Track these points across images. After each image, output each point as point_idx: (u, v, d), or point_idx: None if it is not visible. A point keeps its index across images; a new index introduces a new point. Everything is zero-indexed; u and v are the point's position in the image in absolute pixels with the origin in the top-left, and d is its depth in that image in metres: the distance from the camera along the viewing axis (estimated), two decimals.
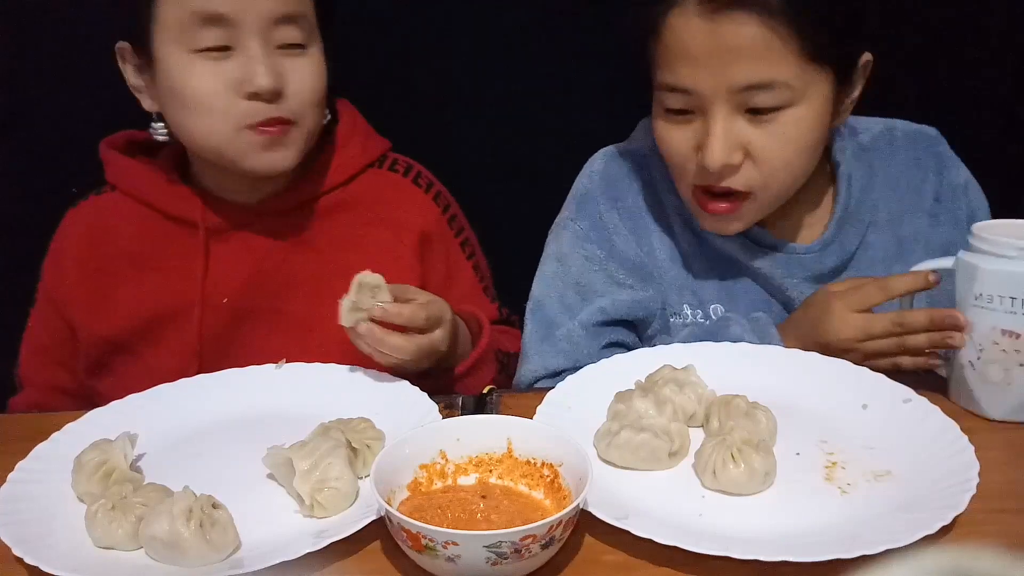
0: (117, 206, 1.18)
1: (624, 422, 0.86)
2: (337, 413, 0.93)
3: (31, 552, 0.75)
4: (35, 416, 1.06)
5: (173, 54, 1.04)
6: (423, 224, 1.20)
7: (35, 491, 0.85)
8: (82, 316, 1.17)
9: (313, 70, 1.09)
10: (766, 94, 0.96)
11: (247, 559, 0.75)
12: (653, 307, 1.13)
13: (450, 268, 1.23)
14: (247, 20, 1.02)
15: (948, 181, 1.15)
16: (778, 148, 0.99)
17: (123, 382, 1.13)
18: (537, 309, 1.15)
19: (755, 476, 0.81)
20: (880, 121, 1.18)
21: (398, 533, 0.73)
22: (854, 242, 1.12)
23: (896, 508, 0.77)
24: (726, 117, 0.98)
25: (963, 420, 0.86)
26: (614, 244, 1.14)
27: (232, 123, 1.06)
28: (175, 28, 1.03)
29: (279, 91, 1.05)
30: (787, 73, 0.96)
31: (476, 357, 1.08)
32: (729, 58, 0.95)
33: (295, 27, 1.05)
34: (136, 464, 0.89)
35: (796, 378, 0.97)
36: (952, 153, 1.16)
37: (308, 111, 1.09)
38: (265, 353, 1.06)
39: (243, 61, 1.04)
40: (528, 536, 0.69)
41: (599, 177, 1.17)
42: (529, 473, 0.82)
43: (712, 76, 0.96)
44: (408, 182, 1.23)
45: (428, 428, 0.85)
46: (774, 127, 0.99)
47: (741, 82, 0.96)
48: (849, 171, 1.12)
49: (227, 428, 0.96)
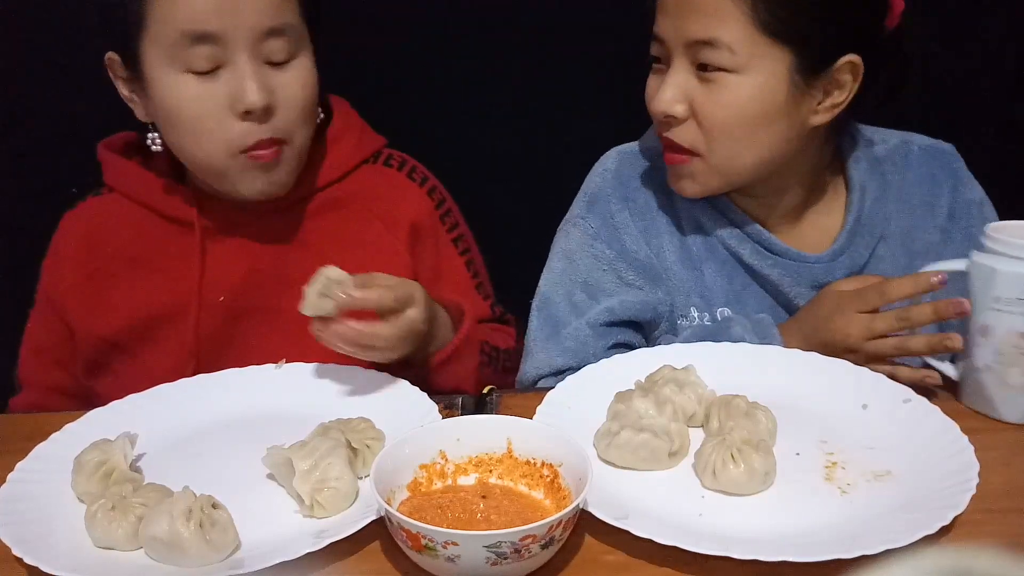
0: (114, 207, 1.18)
1: (624, 422, 0.86)
2: (337, 413, 0.93)
3: (31, 552, 0.75)
4: (35, 416, 1.06)
5: (164, 74, 1.04)
6: (414, 216, 1.20)
7: (35, 491, 0.85)
8: (80, 317, 1.17)
9: (303, 82, 1.08)
10: (710, 51, 0.99)
11: (247, 559, 0.75)
12: (661, 309, 1.13)
13: (440, 262, 1.22)
14: (236, 36, 1.02)
15: (963, 198, 1.14)
16: (718, 110, 1.01)
17: (121, 382, 1.13)
18: (544, 306, 1.15)
19: (755, 476, 0.81)
20: (897, 134, 1.18)
21: (398, 533, 0.73)
22: (864, 254, 1.12)
23: (896, 508, 0.78)
24: (679, 69, 1.02)
25: (963, 420, 0.86)
26: (624, 244, 1.14)
27: (225, 146, 1.06)
28: (165, 47, 1.03)
29: (270, 107, 1.05)
30: (732, 36, 0.98)
31: (457, 344, 1.06)
32: (687, 10, 1.00)
33: (283, 39, 1.05)
34: (136, 464, 0.89)
35: (796, 378, 0.97)
36: (967, 171, 1.16)
37: (298, 127, 1.09)
38: (262, 351, 1.06)
39: (233, 78, 1.03)
40: (528, 536, 0.69)
41: (611, 176, 1.17)
42: (529, 473, 0.82)
43: (673, 26, 1.01)
44: (402, 176, 1.23)
45: (428, 428, 0.85)
46: (715, 87, 1.01)
47: (691, 35, 1.00)
48: (863, 182, 1.12)
49: (227, 428, 0.96)
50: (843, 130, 1.13)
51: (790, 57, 0.99)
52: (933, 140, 1.18)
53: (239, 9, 1.01)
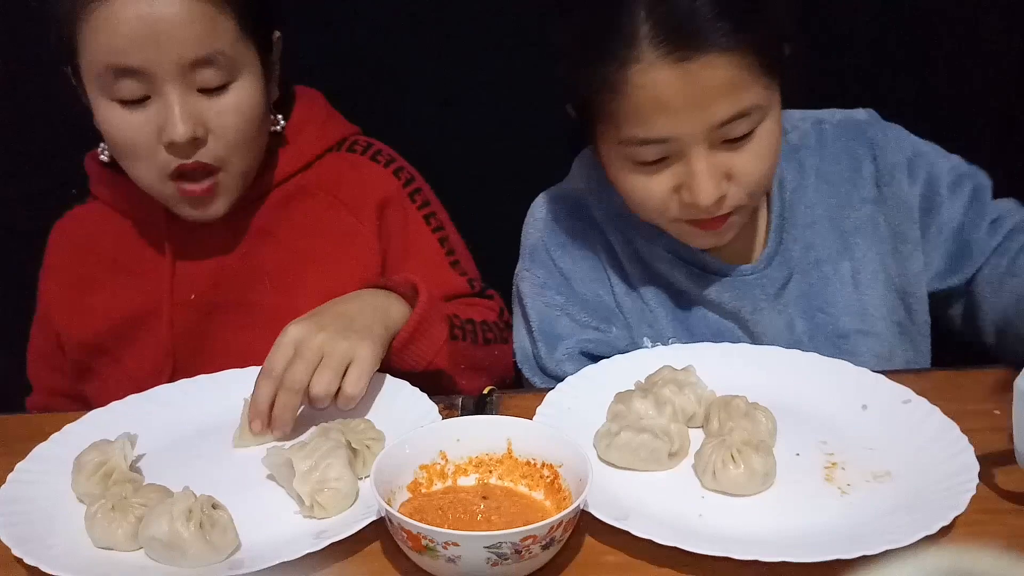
0: (97, 215, 1.20)
1: (624, 423, 0.86)
2: (337, 414, 0.93)
3: (31, 553, 0.75)
4: (35, 417, 1.06)
5: (97, 100, 1.04)
6: (380, 196, 1.18)
7: (35, 492, 0.85)
8: (64, 323, 1.19)
9: (239, 108, 1.05)
10: (743, 122, 0.95)
11: (247, 560, 0.75)
12: (620, 345, 1.11)
13: (408, 238, 1.20)
14: (160, 69, 1.00)
15: (885, 164, 1.10)
16: (759, 163, 0.98)
17: (106, 385, 1.15)
18: (525, 360, 1.14)
19: (755, 477, 0.81)
20: (811, 115, 1.15)
21: (398, 534, 0.73)
22: (796, 248, 1.10)
23: (896, 508, 0.77)
24: (707, 155, 0.95)
25: (963, 420, 0.86)
26: (572, 288, 1.13)
27: (157, 172, 1.05)
28: (93, 76, 1.02)
29: (199, 139, 1.03)
30: (757, 96, 0.95)
31: (414, 323, 1.01)
32: (708, 100, 0.92)
33: (212, 68, 1.02)
34: (136, 464, 0.89)
35: (796, 379, 0.97)
36: (889, 132, 1.11)
37: (234, 153, 1.07)
38: (238, 347, 1.06)
39: (160, 109, 1.02)
40: (529, 537, 0.69)
41: (543, 224, 1.16)
42: (529, 474, 0.82)
43: (691, 120, 0.93)
44: (366, 160, 1.21)
45: (428, 429, 0.85)
46: (752, 146, 0.97)
47: (722, 118, 0.94)
48: (780, 174, 1.10)
49: (227, 428, 0.96)
50: None
51: (778, 80, 0.98)
52: (847, 112, 1.14)
53: (160, 43, 0.98)
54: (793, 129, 1.13)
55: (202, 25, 1.00)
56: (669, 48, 0.91)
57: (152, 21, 0.98)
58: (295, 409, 0.92)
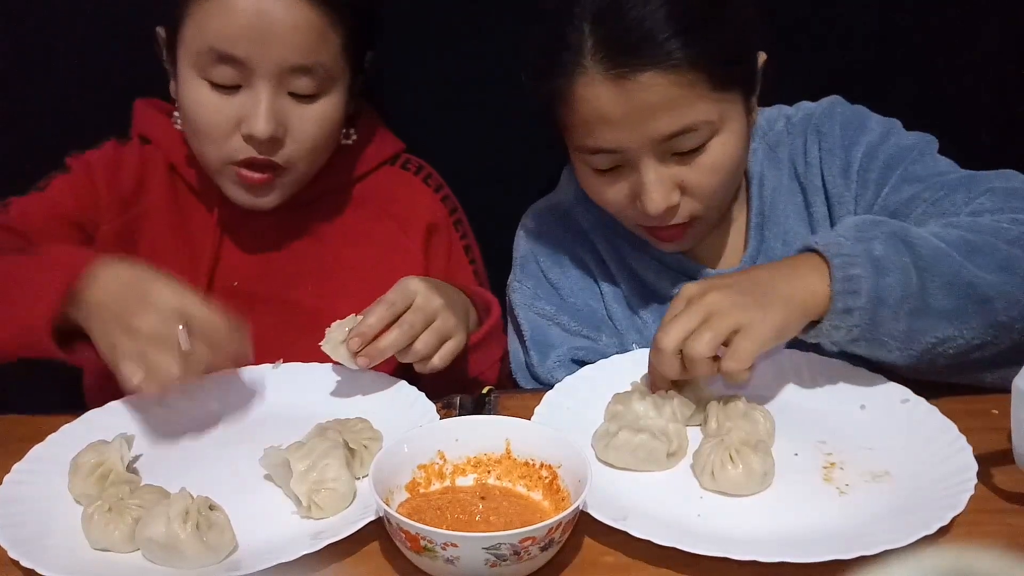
0: (149, 159, 1.18)
1: (622, 423, 0.86)
2: (334, 413, 0.93)
3: (27, 554, 0.75)
4: (31, 418, 1.05)
5: (187, 75, 1.05)
6: (429, 219, 1.21)
7: (31, 493, 0.85)
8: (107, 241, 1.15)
9: (322, 119, 1.08)
10: (690, 137, 0.95)
11: (244, 560, 0.75)
12: (610, 352, 1.09)
13: (451, 267, 1.23)
14: (260, 65, 1.02)
15: (828, 153, 1.09)
16: (711, 176, 0.98)
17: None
18: (519, 369, 1.15)
19: (753, 477, 0.81)
20: (789, 111, 1.15)
21: (397, 534, 0.73)
22: (777, 245, 1.10)
23: (895, 508, 0.77)
24: (656, 166, 0.96)
25: (962, 420, 0.86)
26: (562, 298, 1.15)
27: (221, 156, 1.07)
28: (192, 53, 1.04)
29: (277, 139, 1.05)
30: (704, 112, 0.94)
31: (488, 328, 1.07)
32: (646, 115, 0.93)
33: (309, 77, 1.05)
34: (132, 465, 0.89)
35: (794, 379, 0.97)
36: (836, 119, 1.09)
37: (303, 158, 1.09)
38: (270, 343, 1.05)
39: (248, 102, 1.04)
40: (527, 538, 0.69)
41: (532, 236, 1.18)
42: (527, 474, 0.82)
43: (633, 134, 0.94)
44: (419, 181, 1.24)
45: (426, 428, 0.85)
46: (703, 159, 0.97)
47: (664, 133, 0.94)
48: (760, 172, 1.10)
49: (224, 429, 0.96)
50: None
51: (741, 93, 0.98)
52: (810, 105, 1.14)
53: (268, 42, 1.01)
54: (771, 128, 1.13)
55: (312, 35, 1.03)
56: (609, 65, 0.92)
57: (268, 19, 1.00)
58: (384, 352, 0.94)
